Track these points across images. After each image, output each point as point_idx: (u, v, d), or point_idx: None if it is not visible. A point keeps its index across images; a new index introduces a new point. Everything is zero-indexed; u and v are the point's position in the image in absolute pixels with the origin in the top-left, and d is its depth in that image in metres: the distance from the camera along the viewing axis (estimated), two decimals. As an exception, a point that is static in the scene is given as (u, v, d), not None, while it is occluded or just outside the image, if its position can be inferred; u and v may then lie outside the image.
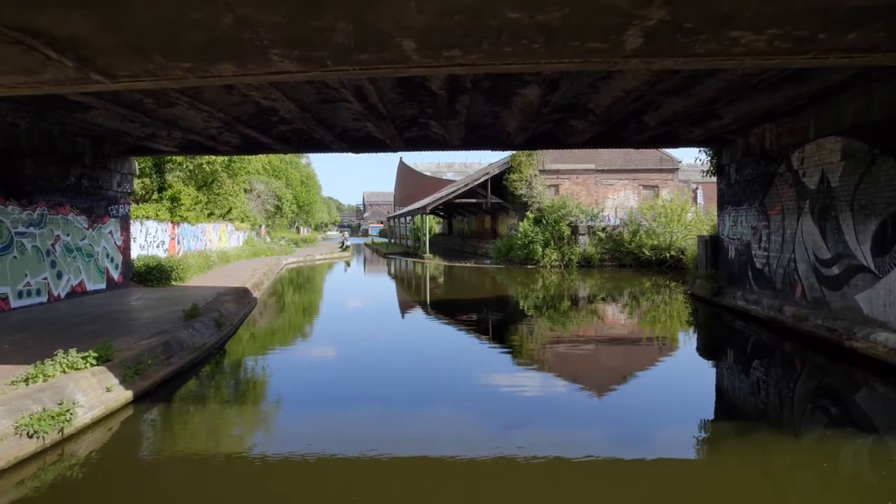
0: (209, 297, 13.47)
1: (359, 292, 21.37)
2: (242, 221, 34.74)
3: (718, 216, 15.98)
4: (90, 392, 6.08)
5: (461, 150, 14.27)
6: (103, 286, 14.21)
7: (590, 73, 8.72)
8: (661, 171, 35.05)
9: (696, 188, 44.74)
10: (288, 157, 59.93)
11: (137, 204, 19.53)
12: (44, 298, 11.90)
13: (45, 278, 11.97)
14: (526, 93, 9.63)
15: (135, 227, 17.62)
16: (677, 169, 35.88)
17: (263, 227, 42.72)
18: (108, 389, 6.36)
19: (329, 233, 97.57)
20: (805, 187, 11.01)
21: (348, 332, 12.52)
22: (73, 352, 6.40)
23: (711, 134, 13.47)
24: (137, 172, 15.99)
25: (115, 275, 14.87)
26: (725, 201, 15.32)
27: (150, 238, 18.88)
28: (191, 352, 8.90)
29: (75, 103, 9.62)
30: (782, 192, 11.97)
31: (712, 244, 16.11)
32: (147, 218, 18.59)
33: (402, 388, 7.91)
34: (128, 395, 6.61)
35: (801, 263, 11.22)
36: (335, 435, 6.02)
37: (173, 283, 16.59)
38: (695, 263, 18.28)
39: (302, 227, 69.82)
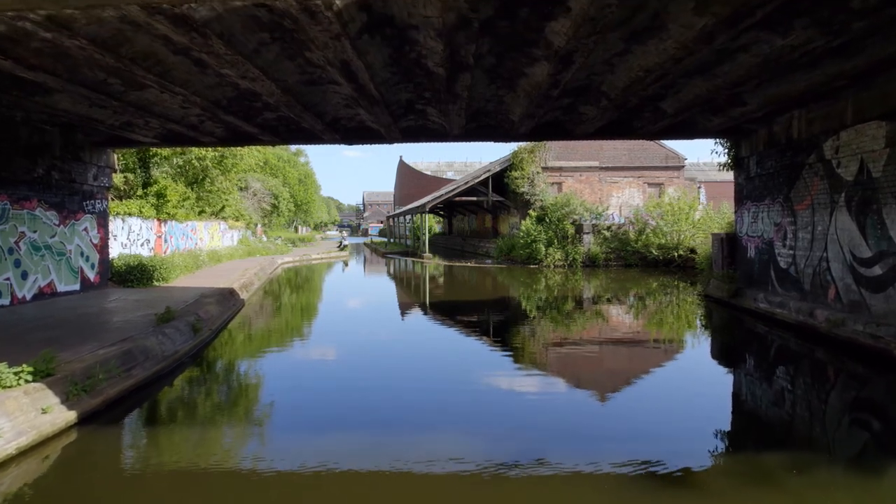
0: (190, 299, 12.50)
1: (355, 293, 20.38)
2: (237, 220, 33.74)
3: (736, 212, 14.99)
4: (19, 415, 5.09)
5: (461, 141, 13.34)
6: (77, 287, 13.22)
7: (607, 47, 7.74)
8: (666, 168, 34.06)
9: (699, 186, 43.81)
10: (285, 155, 59.06)
11: (121, 200, 18.54)
12: (5, 301, 10.90)
13: (8, 279, 10.97)
14: (534, 72, 8.63)
15: (116, 225, 16.63)
16: (683, 166, 34.91)
17: (259, 225, 41.72)
18: (44, 411, 5.37)
19: (329, 232, 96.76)
20: (840, 179, 10.02)
21: (341, 338, 11.52)
22: (2, 366, 5.41)
23: (731, 123, 12.49)
24: (116, 165, 15.00)
25: (91, 275, 13.87)
26: (744, 196, 14.32)
27: (133, 236, 17.88)
28: (158, 362, 7.90)
29: (33, 84, 8.62)
30: (812, 185, 10.98)
31: (729, 242, 15.11)
32: (129, 214, 17.58)
33: (399, 404, 6.91)
34: (70, 416, 5.62)
35: (834, 262, 10.22)
36: (320, 464, 5.02)
37: (156, 283, 15.60)
38: (708, 263, 17.29)
39: (301, 227, 68.87)
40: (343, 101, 10.66)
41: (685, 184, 34.11)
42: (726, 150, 15.13)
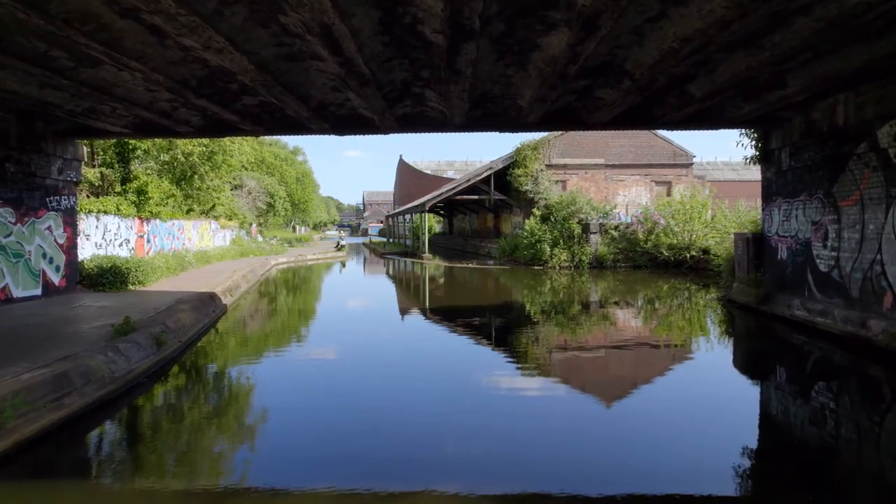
0: (163, 306, 11.23)
1: (349, 296, 19.09)
2: (229, 219, 32.46)
3: (763, 210, 13.72)
4: None
5: (463, 130, 12.09)
6: (38, 292, 11.94)
7: (641, 8, 6.47)
8: (674, 166, 32.80)
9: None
10: (283, 153, 57.78)
11: (97, 197, 17.27)
12: (-53, 309, 9.66)
13: (-50, 284, 9.73)
14: (550, 42, 7.35)
15: (89, 223, 15.36)
16: (692, 164, 33.67)
17: (254, 225, 40.43)
18: (-80, 464, 4.11)
19: (328, 232, 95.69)
20: (898, 170, 8.76)
21: (330, 351, 10.23)
22: None
23: (764, 111, 11.23)
24: (85, 158, 13.73)
25: (56, 278, 12.60)
26: (773, 192, 13.06)
27: (109, 236, 16.59)
28: (103, 385, 6.63)
29: (-37, 58, 7.37)
30: (861, 178, 9.70)
31: (755, 242, 13.83)
32: (105, 212, 16.29)
33: (390, 440, 5.64)
34: (-41, 468, 4.36)
35: (891, 266, 8.94)
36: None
37: (131, 287, 14.33)
38: (730, 265, 15.98)
39: (299, 226, 67.59)
40: (330, 82, 9.39)
41: (694, 181, 32.83)
42: (752, 143, 13.88)
